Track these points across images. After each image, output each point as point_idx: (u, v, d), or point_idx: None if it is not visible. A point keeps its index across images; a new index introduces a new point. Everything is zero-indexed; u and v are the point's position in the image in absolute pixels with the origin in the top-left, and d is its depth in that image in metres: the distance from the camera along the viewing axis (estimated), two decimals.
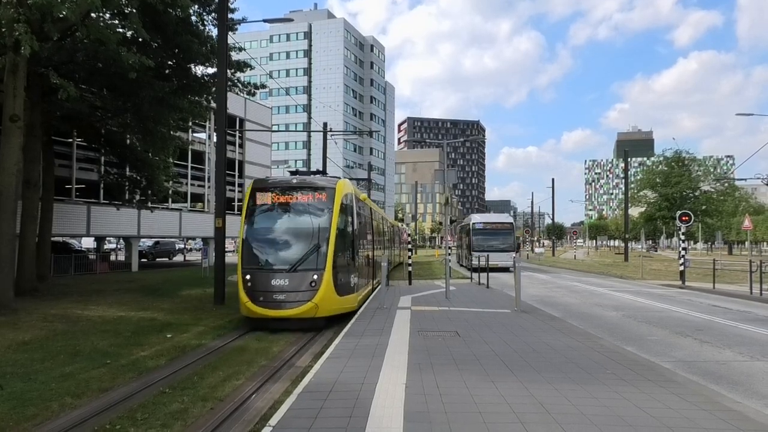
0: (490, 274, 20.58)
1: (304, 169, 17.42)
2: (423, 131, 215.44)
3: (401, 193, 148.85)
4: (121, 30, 15.01)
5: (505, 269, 29.25)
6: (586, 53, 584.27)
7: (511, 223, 33.07)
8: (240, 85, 20.42)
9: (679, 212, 23.32)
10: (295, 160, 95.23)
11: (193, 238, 47.62)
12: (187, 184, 34.71)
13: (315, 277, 11.06)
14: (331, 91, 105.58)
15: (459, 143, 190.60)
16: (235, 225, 25.32)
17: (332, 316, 11.61)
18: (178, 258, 47.41)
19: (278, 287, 10.93)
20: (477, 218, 33.12)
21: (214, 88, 18.42)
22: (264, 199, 12.09)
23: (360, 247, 13.92)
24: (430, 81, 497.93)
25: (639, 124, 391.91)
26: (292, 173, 13.19)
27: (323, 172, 14.49)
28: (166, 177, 24.71)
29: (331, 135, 37.29)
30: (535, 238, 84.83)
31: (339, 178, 13.30)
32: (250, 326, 11.21)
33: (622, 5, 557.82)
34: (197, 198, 38.06)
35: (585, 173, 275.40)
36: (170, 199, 32.47)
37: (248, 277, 11.19)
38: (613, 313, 13.79)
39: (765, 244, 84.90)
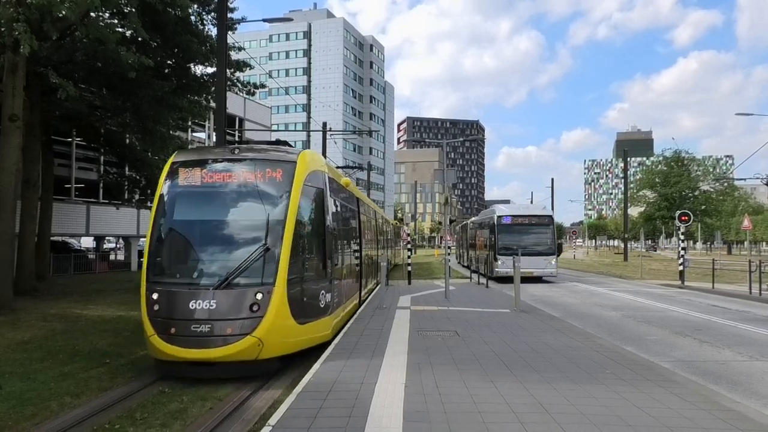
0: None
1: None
2: (422, 131, 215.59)
3: (401, 193, 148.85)
4: (120, 29, 15.05)
5: (538, 279, 23.02)
6: (585, 53, 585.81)
7: (550, 216, 24.62)
8: (239, 85, 20.46)
9: (678, 212, 23.31)
10: None
11: None
12: None
13: (259, 296, 7.30)
14: (330, 90, 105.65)
15: (458, 143, 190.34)
16: None
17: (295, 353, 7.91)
18: None
19: (201, 313, 7.11)
20: (504, 210, 24.92)
21: (213, 88, 18.45)
22: (188, 178, 8.14)
23: (337, 248, 10.01)
24: (430, 81, 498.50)
25: (638, 124, 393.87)
26: (239, 143, 8.69)
27: (284, 143, 9.93)
28: None
29: (331, 135, 37.19)
30: None
31: (304, 149, 9.32)
32: (157, 374, 7.39)
33: (622, 5, 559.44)
34: None
35: (584, 173, 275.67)
36: None
37: (155, 296, 7.41)
38: (612, 312, 13.81)
39: (764, 244, 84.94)
